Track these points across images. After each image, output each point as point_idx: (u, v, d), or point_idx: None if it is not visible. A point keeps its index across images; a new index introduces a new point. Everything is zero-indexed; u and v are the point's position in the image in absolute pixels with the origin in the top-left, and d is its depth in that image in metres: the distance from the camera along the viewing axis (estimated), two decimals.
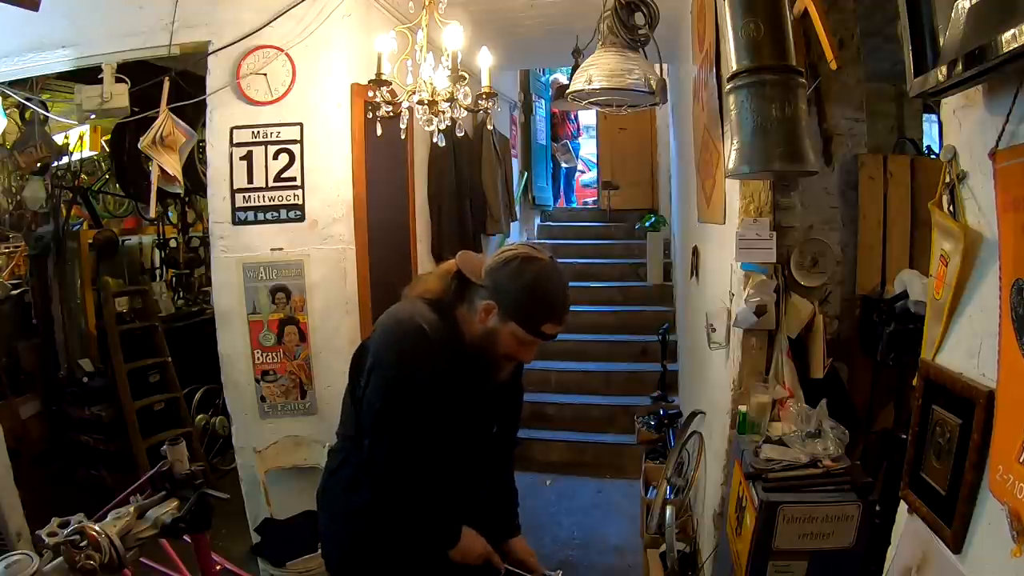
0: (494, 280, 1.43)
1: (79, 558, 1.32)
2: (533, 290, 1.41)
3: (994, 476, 0.90)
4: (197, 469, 1.63)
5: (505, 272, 1.43)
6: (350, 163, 2.87)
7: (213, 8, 2.81)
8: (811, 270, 2.13)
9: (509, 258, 1.44)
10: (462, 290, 1.49)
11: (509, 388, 1.66)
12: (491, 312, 1.43)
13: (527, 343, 1.45)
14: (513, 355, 1.49)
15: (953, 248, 1.02)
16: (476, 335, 1.46)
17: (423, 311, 1.45)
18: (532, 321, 1.42)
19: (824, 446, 1.72)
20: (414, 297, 1.52)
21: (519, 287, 1.41)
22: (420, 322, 1.42)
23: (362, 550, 1.53)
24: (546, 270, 1.43)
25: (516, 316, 1.41)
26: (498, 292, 1.42)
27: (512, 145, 5.99)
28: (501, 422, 1.64)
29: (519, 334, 1.43)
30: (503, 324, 1.43)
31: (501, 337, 1.44)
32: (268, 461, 2.84)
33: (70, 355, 4.31)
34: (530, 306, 1.42)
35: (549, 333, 1.44)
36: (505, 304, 1.42)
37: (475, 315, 1.46)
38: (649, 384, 4.65)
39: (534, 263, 1.43)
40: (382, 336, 1.47)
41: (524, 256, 1.44)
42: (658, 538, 2.66)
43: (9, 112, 3.59)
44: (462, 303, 1.49)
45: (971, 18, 0.82)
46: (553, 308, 1.44)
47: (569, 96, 2.23)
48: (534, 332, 1.43)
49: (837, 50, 1.73)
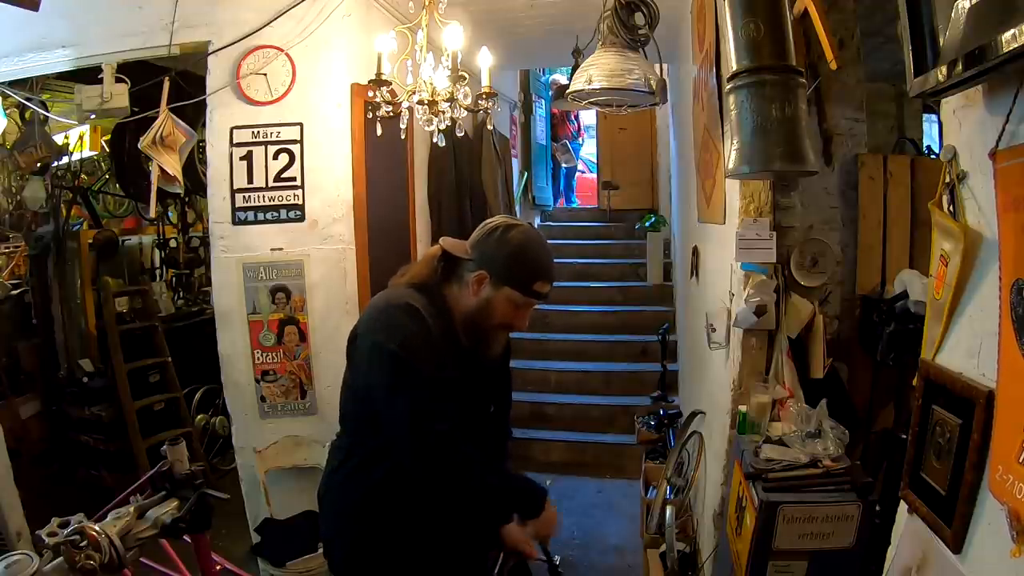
0: (481, 251, 1.49)
1: (79, 558, 1.32)
2: (521, 252, 1.47)
3: (994, 476, 0.90)
4: (197, 469, 1.63)
5: (491, 241, 1.48)
6: (350, 163, 2.87)
7: (213, 8, 2.81)
8: (811, 270, 2.13)
9: (491, 228, 1.50)
10: (449, 269, 1.53)
11: (499, 369, 1.69)
12: (483, 281, 1.47)
13: (522, 306, 1.50)
14: (508, 322, 1.52)
15: (953, 248, 1.02)
16: (470, 309, 1.50)
17: (411, 294, 1.48)
18: (524, 282, 1.47)
19: (824, 446, 1.72)
20: (401, 284, 1.55)
21: (507, 252, 1.46)
22: (408, 300, 1.45)
23: (365, 547, 1.53)
24: (529, 233, 1.50)
25: (509, 280, 1.46)
26: (487, 261, 1.47)
27: (512, 145, 5.99)
28: (495, 402, 1.66)
29: (514, 297, 1.48)
30: (496, 290, 1.47)
31: (496, 304, 1.48)
32: (268, 461, 2.83)
33: (70, 355, 4.31)
34: (520, 268, 1.47)
35: (542, 291, 1.50)
36: (496, 270, 1.46)
37: (466, 289, 1.49)
38: (649, 384, 4.65)
39: (516, 228, 1.49)
40: (372, 321, 1.48)
41: (505, 224, 1.50)
42: (658, 538, 2.66)
43: (9, 112, 3.59)
44: (451, 281, 1.52)
45: (971, 18, 0.82)
46: (542, 266, 1.50)
47: (569, 96, 2.23)
48: (528, 292, 1.48)
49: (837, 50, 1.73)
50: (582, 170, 9.66)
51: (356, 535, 1.54)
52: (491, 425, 1.66)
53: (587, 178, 9.73)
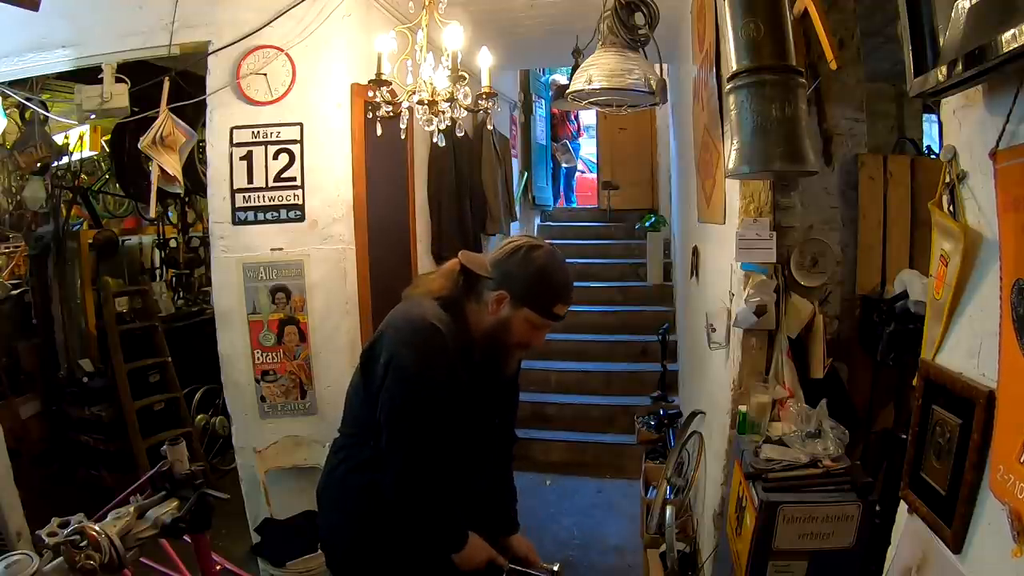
0: (502, 271, 1.48)
1: (79, 558, 1.32)
2: (542, 275, 1.47)
3: (995, 476, 0.90)
4: (197, 469, 1.63)
5: (512, 261, 1.48)
6: (350, 163, 2.87)
7: (213, 8, 2.81)
8: (811, 270, 2.13)
9: (514, 248, 1.50)
10: (469, 285, 1.53)
11: (509, 383, 1.70)
12: (503, 301, 1.48)
13: (540, 327, 1.51)
14: (526, 341, 1.53)
15: (953, 248, 1.02)
16: (488, 327, 1.50)
17: (434, 309, 1.48)
18: (544, 304, 1.48)
19: (824, 446, 1.72)
20: (420, 296, 1.54)
21: (528, 273, 1.46)
22: (433, 320, 1.44)
23: (364, 544, 1.53)
24: (551, 255, 1.50)
25: (528, 301, 1.47)
26: (508, 281, 1.47)
27: (512, 145, 5.98)
28: (501, 415, 1.67)
29: (532, 319, 1.48)
30: (516, 311, 1.48)
31: (514, 324, 1.49)
32: (268, 461, 2.84)
33: (70, 355, 4.31)
34: (541, 290, 1.48)
35: (560, 314, 1.51)
36: (516, 291, 1.47)
37: (485, 307, 1.50)
38: (649, 384, 4.65)
39: (538, 250, 1.49)
40: (398, 334, 1.48)
41: (528, 245, 1.50)
42: (658, 538, 2.66)
43: (9, 112, 3.59)
44: (470, 298, 1.52)
45: (971, 18, 0.82)
46: (562, 290, 1.51)
47: (569, 96, 2.23)
48: (547, 315, 1.49)
49: (837, 50, 1.73)
50: (582, 170, 9.66)
51: (356, 533, 1.55)
52: (496, 433, 1.67)
53: (587, 178, 9.74)
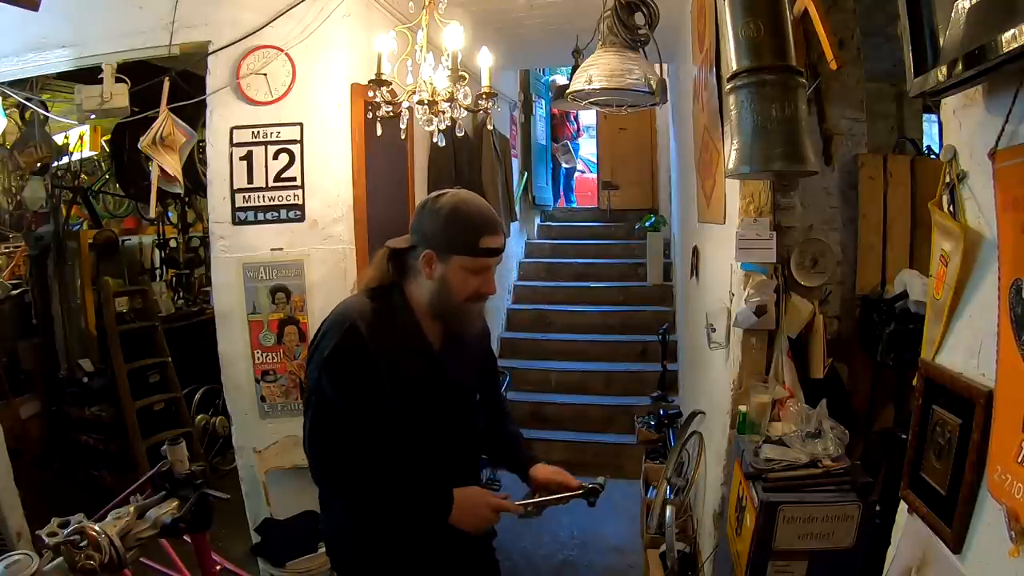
0: (419, 232, 1.46)
1: (79, 558, 1.32)
2: (455, 216, 1.42)
3: (992, 476, 0.90)
4: (197, 469, 1.63)
5: (424, 218, 1.45)
6: (350, 163, 2.87)
7: (213, 8, 2.81)
8: (811, 270, 2.13)
9: (420, 206, 1.48)
10: (401, 266, 1.51)
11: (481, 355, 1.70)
12: (432, 260, 1.44)
13: (479, 270, 1.45)
14: (473, 291, 1.47)
15: (953, 248, 1.02)
16: (432, 295, 1.46)
17: (356, 305, 1.47)
18: (469, 243, 1.42)
19: (824, 446, 1.72)
20: (357, 293, 1.55)
21: (442, 220, 1.42)
22: (345, 316, 1.44)
23: (368, 544, 1.53)
24: (457, 195, 1.45)
25: (453, 247, 1.42)
26: (427, 238, 1.44)
27: (512, 145, 5.99)
28: (482, 389, 1.65)
29: (466, 263, 1.43)
30: (447, 264, 1.43)
31: (452, 278, 1.44)
32: (268, 461, 2.83)
33: (70, 355, 4.31)
34: (459, 230, 1.42)
35: (492, 246, 1.44)
36: (439, 243, 1.42)
37: (420, 276, 1.47)
38: (649, 384, 4.65)
39: (443, 196, 1.45)
40: (313, 349, 1.48)
41: (432, 197, 1.47)
42: (658, 538, 2.66)
43: (9, 112, 3.59)
44: (407, 277, 1.50)
45: (971, 18, 0.82)
46: (481, 222, 1.44)
47: (569, 96, 2.23)
48: (477, 252, 1.42)
49: (837, 50, 1.73)
50: (582, 170, 9.66)
51: (359, 534, 1.54)
52: (480, 412, 1.65)
53: (587, 178, 9.73)
